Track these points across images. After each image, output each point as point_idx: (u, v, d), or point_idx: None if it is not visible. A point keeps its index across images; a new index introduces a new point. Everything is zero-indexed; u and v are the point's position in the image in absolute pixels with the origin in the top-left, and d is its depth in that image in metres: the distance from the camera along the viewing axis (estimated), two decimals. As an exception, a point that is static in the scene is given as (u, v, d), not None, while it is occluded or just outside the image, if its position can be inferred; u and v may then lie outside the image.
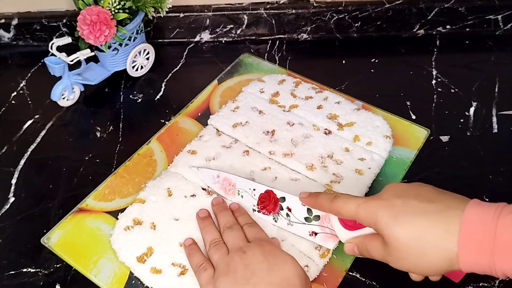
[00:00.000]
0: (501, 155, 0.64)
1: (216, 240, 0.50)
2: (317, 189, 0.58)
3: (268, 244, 0.48)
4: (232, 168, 0.60)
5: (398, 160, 0.63)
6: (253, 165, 0.61)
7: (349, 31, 0.83)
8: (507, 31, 0.82)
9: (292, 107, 0.68)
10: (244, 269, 0.45)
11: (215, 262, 0.48)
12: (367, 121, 0.66)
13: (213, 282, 0.46)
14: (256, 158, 0.62)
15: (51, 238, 0.55)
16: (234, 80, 0.75)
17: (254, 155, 0.62)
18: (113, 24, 0.68)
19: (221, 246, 0.49)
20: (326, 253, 0.52)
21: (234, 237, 0.50)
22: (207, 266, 0.48)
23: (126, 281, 0.51)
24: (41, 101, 0.74)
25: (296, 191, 0.53)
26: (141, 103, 0.74)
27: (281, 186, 0.58)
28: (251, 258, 0.46)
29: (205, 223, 0.54)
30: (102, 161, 0.65)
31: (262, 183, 0.55)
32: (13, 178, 0.64)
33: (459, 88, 0.74)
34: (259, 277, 0.44)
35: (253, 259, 0.45)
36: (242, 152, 0.62)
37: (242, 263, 0.45)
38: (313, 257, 0.52)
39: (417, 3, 0.80)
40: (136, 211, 0.56)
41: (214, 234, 0.51)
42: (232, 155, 0.62)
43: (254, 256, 0.46)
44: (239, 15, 0.81)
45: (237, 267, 0.45)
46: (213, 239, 0.51)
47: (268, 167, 0.61)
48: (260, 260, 0.45)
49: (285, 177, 0.59)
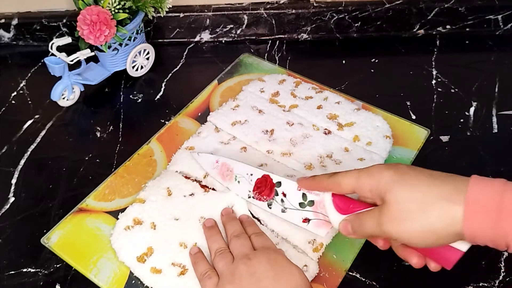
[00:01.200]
0: (501, 155, 0.64)
1: (222, 249, 0.50)
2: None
3: (274, 253, 0.47)
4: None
5: (398, 160, 0.63)
6: (250, 161, 0.61)
7: (349, 31, 0.83)
8: (507, 31, 0.82)
9: (292, 107, 0.68)
10: (250, 277, 0.44)
11: (220, 270, 0.47)
12: (367, 121, 0.66)
13: None
14: (254, 155, 0.62)
15: (51, 238, 0.55)
16: (234, 80, 0.75)
17: (251, 152, 0.63)
18: (113, 24, 0.68)
19: (227, 254, 0.49)
20: (319, 247, 0.52)
21: (240, 245, 0.49)
22: (212, 275, 0.47)
23: (126, 281, 0.51)
24: (41, 101, 0.74)
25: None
26: (141, 103, 0.74)
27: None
28: (256, 266, 0.45)
29: (211, 232, 0.53)
30: (102, 161, 0.65)
31: (260, 168, 0.55)
32: (13, 178, 0.64)
33: (459, 88, 0.74)
34: (264, 285, 0.43)
35: (258, 267, 0.45)
36: (240, 149, 0.63)
37: (248, 270, 0.45)
38: (307, 250, 0.52)
39: (417, 3, 0.80)
40: (136, 211, 0.56)
41: (220, 243, 0.51)
42: (230, 152, 0.62)
43: (259, 264, 0.45)
44: (239, 15, 0.81)
45: (242, 275, 0.45)
46: (219, 247, 0.50)
47: (265, 164, 0.61)
48: (266, 268, 0.45)
49: (281, 174, 0.59)
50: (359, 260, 0.53)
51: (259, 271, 0.45)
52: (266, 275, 0.44)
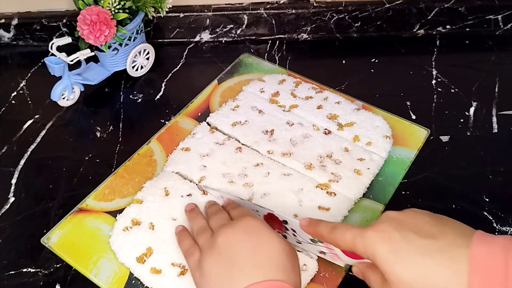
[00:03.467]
0: (501, 155, 0.64)
1: (203, 226, 0.50)
2: (310, 184, 0.58)
3: (252, 219, 0.47)
4: (225, 165, 0.61)
5: (398, 160, 0.63)
6: (246, 161, 0.61)
7: (349, 31, 0.83)
8: (507, 31, 0.82)
9: (292, 107, 0.68)
10: (227, 250, 0.44)
11: (201, 245, 0.47)
12: (367, 121, 0.66)
13: (199, 266, 0.45)
14: (249, 155, 0.62)
15: (51, 238, 0.55)
16: (234, 80, 0.75)
17: (246, 152, 0.63)
18: (113, 24, 0.68)
19: (207, 230, 0.49)
20: None
21: (218, 219, 0.50)
22: (194, 251, 0.48)
23: (126, 281, 0.51)
24: (41, 101, 0.74)
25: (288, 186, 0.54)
26: (141, 103, 0.74)
27: (273, 181, 0.59)
28: (233, 237, 0.45)
29: (192, 214, 0.54)
30: (102, 161, 0.65)
31: (263, 206, 0.52)
32: (13, 178, 0.64)
33: (459, 88, 0.74)
34: (242, 257, 0.43)
35: (236, 238, 0.44)
36: (235, 149, 0.63)
37: (225, 242, 0.44)
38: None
39: (417, 3, 0.80)
40: (134, 212, 0.56)
41: (201, 222, 0.51)
42: (225, 152, 0.62)
43: (236, 235, 0.45)
44: (239, 15, 0.81)
45: (221, 247, 0.44)
46: (200, 225, 0.51)
47: (260, 163, 0.61)
48: (243, 238, 0.44)
49: (277, 172, 0.60)
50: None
51: (237, 241, 0.44)
52: (243, 245, 0.44)
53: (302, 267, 0.51)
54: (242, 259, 0.43)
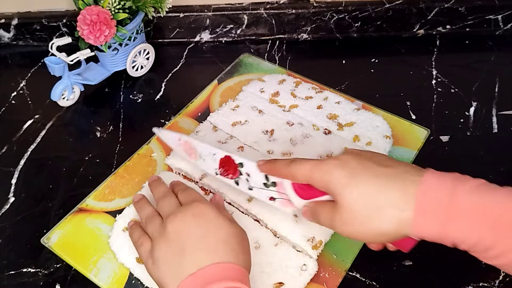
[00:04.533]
0: (501, 155, 0.64)
1: (151, 214, 0.49)
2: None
3: (200, 205, 0.46)
4: None
5: (398, 160, 0.62)
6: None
7: (349, 31, 0.83)
8: (507, 31, 0.82)
9: (292, 107, 0.68)
10: (177, 237, 0.44)
11: (151, 235, 0.47)
12: (367, 121, 0.66)
13: (151, 255, 0.45)
14: (251, 154, 0.62)
15: (51, 238, 0.55)
16: (234, 80, 0.75)
17: (248, 151, 0.62)
18: (113, 24, 0.68)
19: (156, 218, 0.48)
20: (318, 245, 0.52)
21: (167, 205, 0.48)
22: (143, 241, 0.47)
23: (126, 281, 0.51)
24: (41, 101, 0.74)
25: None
26: (141, 103, 0.74)
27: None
28: (182, 223, 0.44)
29: (139, 203, 0.52)
30: (102, 161, 0.65)
31: (220, 148, 0.53)
32: (13, 178, 0.64)
33: (459, 88, 0.74)
34: (192, 243, 0.43)
35: (184, 225, 0.44)
36: (237, 148, 0.63)
37: (174, 230, 0.44)
38: (306, 248, 0.52)
39: (417, 3, 0.80)
40: (133, 212, 0.56)
41: (149, 210, 0.50)
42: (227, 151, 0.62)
43: (185, 222, 0.44)
44: (239, 15, 0.81)
45: (170, 235, 0.44)
46: (148, 214, 0.50)
47: None
48: (192, 225, 0.44)
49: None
50: (359, 260, 0.53)
51: (186, 228, 0.44)
52: (193, 231, 0.44)
53: (302, 267, 0.51)
54: (192, 245, 0.43)
